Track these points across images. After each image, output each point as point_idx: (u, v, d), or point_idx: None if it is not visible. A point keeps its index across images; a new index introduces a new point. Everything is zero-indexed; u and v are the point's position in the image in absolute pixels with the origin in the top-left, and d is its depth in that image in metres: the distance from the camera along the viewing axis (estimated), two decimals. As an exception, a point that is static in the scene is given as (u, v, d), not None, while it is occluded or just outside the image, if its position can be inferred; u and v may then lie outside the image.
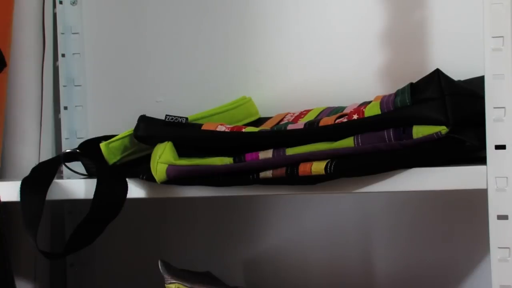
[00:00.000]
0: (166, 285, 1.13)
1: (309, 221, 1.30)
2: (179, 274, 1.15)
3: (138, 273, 1.39)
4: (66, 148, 1.29)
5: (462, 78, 1.08)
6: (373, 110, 0.98)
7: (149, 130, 1.07)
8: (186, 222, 1.37)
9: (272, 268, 1.33)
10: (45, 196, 1.11)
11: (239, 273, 1.34)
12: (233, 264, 1.35)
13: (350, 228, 1.29)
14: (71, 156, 1.18)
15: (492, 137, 0.90)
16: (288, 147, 1.00)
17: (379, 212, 1.27)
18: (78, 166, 1.19)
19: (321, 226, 1.30)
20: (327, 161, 0.97)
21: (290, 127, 1.04)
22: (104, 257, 1.42)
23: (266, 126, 1.11)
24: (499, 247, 0.90)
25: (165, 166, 1.03)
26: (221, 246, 1.35)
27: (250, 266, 1.34)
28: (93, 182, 1.10)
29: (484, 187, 0.91)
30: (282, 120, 1.14)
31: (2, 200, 1.09)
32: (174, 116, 1.07)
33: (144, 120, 1.08)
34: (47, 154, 1.33)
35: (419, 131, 0.94)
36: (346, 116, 0.99)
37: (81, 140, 1.23)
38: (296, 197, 1.30)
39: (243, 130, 1.04)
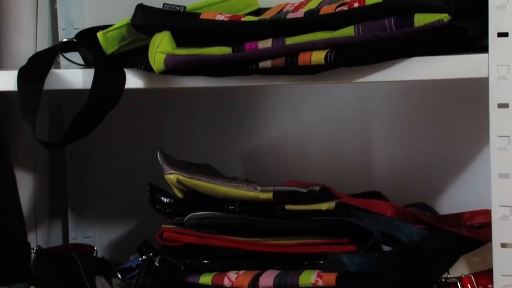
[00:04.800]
0: (165, 176, 1.14)
1: (308, 112, 1.30)
2: (178, 164, 1.15)
3: (137, 164, 1.40)
4: (63, 39, 1.27)
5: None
6: (374, -2, 0.96)
7: (147, 19, 1.06)
8: (185, 113, 1.37)
9: (271, 159, 1.34)
10: (42, 85, 1.11)
11: (238, 164, 1.35)
12: (232, 156, 1.35)
13: (350, 119, 1.29)
14: (68, 46, 1.17)
15: (494, 24, 0.89)
16: (287, 36, 0.99)
17: (379, 102, 1.27)
18: (75, 56, 1.18)
19: (321, 117, 1.30)
20: (327, 50, 0.96)
21: (290, 16, 1.03)
22: (103, 148, 1.42)
23: (265, 16, 1.10)
24: (498, 136, 0.90)
25: (163, 56, 1.03)
26: (220, 137, 1.36)
27: (249, 158, 1.35)
28: (90, 72, 1.09)
29: (485, 75, 0.91)
30: (282, 10, 1.13)
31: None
32: (172, 5, 1.06)
33: (141, 9, 1.07)
34: (43, 45, 1.32)
35: (421, 19, 0.92)
36: (347, 4, 0.98)
37: (78, 31, 1.21)
38: (296, 88, 1.29)
39: (242, 19, 1.03)
